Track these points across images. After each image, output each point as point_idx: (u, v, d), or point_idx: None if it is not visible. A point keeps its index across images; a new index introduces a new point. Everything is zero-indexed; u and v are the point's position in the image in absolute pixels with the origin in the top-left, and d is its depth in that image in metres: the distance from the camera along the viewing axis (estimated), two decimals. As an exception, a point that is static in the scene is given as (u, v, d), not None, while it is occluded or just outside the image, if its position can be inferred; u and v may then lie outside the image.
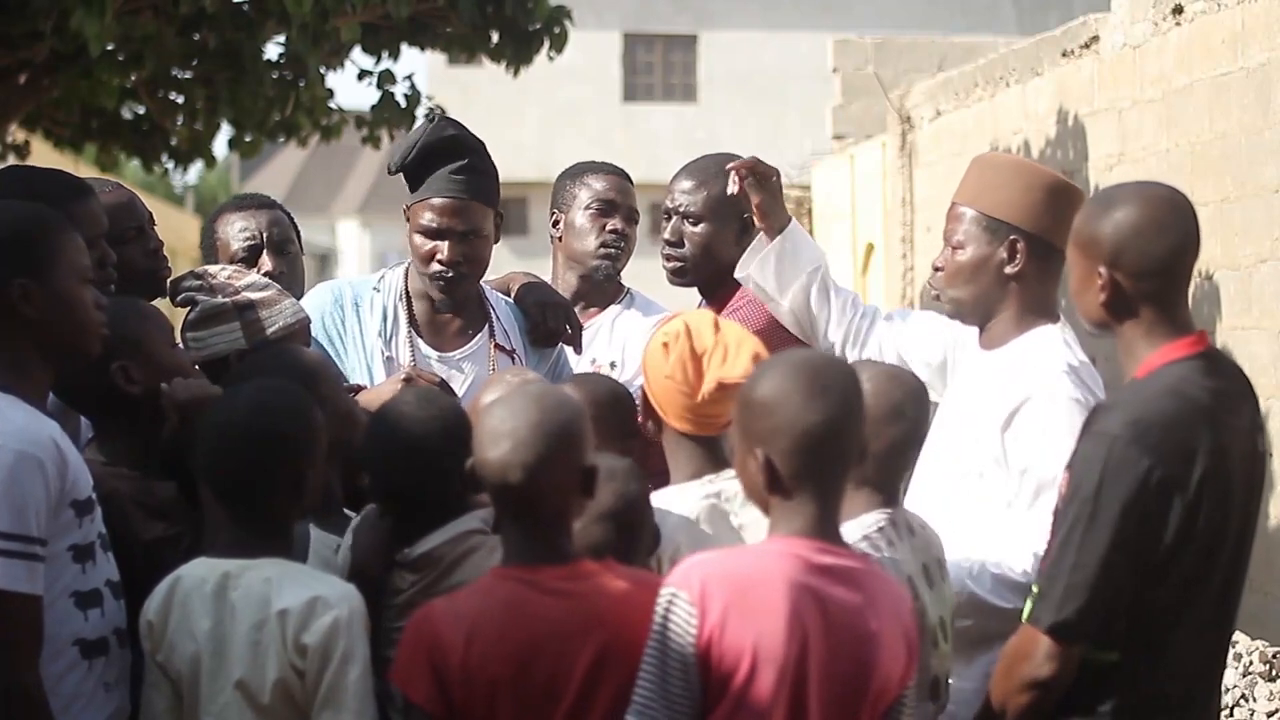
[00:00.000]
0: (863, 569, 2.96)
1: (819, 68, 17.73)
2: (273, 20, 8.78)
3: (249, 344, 3.82)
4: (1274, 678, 6.33)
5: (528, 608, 2.95)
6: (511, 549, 3.03)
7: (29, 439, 3.09)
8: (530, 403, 3.01)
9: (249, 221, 4.57)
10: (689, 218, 4.46)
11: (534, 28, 9.68)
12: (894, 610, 2.95)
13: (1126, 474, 3.07)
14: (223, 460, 3.22)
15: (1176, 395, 3.15)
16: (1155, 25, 8.18)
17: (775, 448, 2.90)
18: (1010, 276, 3.85)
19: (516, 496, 2.97)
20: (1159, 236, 3.20)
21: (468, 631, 2.94)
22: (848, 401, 2.90)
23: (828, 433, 2.88)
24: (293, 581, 3.16)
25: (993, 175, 3.92)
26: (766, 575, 2.86)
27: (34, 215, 3.28)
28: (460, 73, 26.57)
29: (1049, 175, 3.92)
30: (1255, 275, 7.35)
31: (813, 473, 2.90)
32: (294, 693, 3.12)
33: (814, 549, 2.89)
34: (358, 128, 10.54)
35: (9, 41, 8.55)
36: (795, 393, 2.88)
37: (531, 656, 2.93)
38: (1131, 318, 3.23)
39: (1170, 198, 3.27)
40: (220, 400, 3.34)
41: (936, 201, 11.33)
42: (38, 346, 3.24)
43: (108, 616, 3.24)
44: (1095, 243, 3.21)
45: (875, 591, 2.93)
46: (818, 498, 2.91)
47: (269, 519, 3.23)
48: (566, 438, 2.98)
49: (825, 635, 2.86)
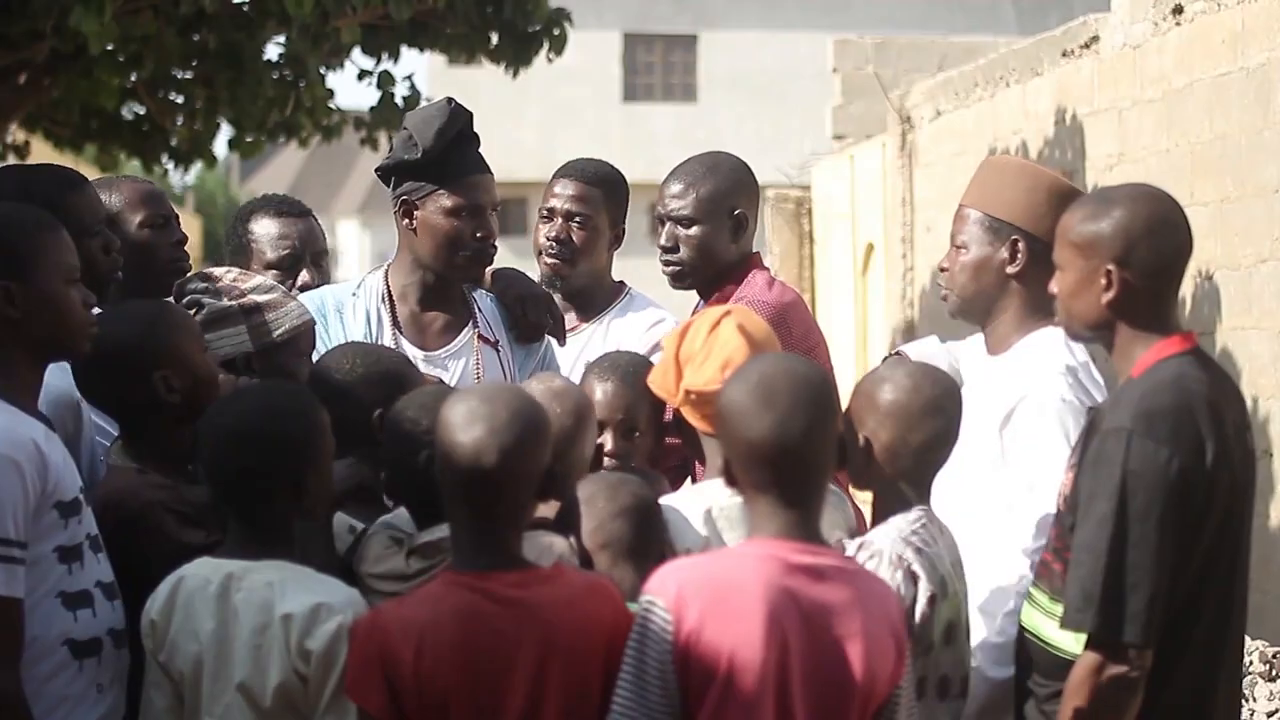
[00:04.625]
0: (844, 567, 2.96)
1: (819, 68, 17.72)
2: (273, 21, 8.78)
3: (255, 347, 3.82)
4: (1274, 678, 6.33)
5: (478, 617, 2.95)
6: (463, 552, 3.02)
7: (7, 441, 3.09)
8: (501, 394, 3.03)
9: (288, 230, 4.59)
10: (681, 221, 4.43)
11: (533, 30, 9.69)
12: (879, 609, 2.94)
13: (1148, 466, 3.11)
14: (222, 461, 3.23)
15: (1178, 388, 3.19)
16: (1155, 25, 8.18)
17: (733, 455, 2.93)
18: (1011, 276, 3.89)
19: (482, 486, 2.95)
20: (1171, 234, 3.27)
21: (418, 641, 2.94)
22: (807, 412, 2.89)
23: (778, 446, 2.88)
24: (296, 586, 3.16)
25: (997, 177, 3.97)
26: (743, 578, 2.86)
27: (16, 216, 3.28)
28: (460, 73, 26.55)
29: (1052, 177, 3.97)
30: (1255, 275, 7.34)
31: (773, 480, 2.90)
32: (295, 698, 3.12)
33: (792, 549, 2.89)
34: (357, 128, 10.54)
35: (9, 41, 8.55)
36: (748, 405, 2.89)
37: (482, 666, 2.94)
38: (1129, 317, 3.26)
39: (1170, 198, 3.32)
40: (222, 402, 3.34)
41: (936, 201, 11.32)
42: (23, 347, 3.24)
43: (100, 617, 3.22)
44: (1100, 242, 3.24)
45: (858, 590, 2.93)
46: (789, 501, 2.91)
47: (270, 520, 3.22)
48: (537, 431, 3.00)
49: (805, 635, 2.85)
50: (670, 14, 30.01)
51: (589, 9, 23.28)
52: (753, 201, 4.51)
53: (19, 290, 3.21)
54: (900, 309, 11.99)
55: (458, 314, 4.33)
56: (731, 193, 4.42)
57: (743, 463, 2.92)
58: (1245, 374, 7.43)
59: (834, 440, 2.97)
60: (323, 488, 3.28)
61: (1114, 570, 3.10)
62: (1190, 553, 3.15)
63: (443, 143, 4.18)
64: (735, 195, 4.42)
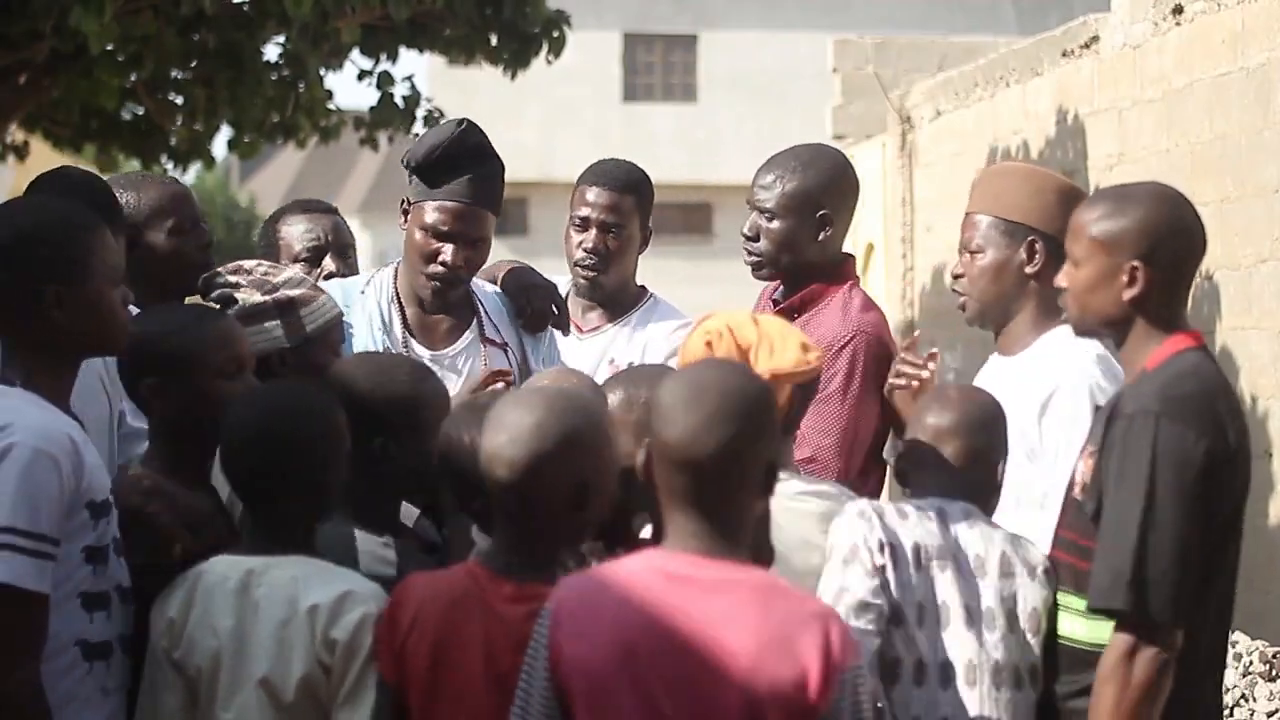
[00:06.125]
0: (745, 581, 2.79)
1: (819, 68, 17.71)
2: (273, 21, 8.78)
3: (289, 342, 3.80)
4: (1274, 678, 6.33)
5: (461, 613, 2.98)
6: (492, 547, 3.05)
7: (47, 437, 3.08)
8: (542, 401, 3.00)
9: (314, 224, 4.64)
10: (765, 213, 4.36)
11: (533, 31, 9.69)
12: (784, 623, 2.76)
13: (1176, 448, 3.13)
14: (239, 460, 3.25)
15: (1199, 377, 3.24)
16: (1155, 25, 8.18)
17: (653, 452, 2.84)
18: (1030, 277, 3.94)
19: (503, 494, 2.97)
20: (1191, 234, 3.33)
21: (414, 615, 3.02)
22: (731, 424, 2.77)
23: (687, 451, 2.77)
24: (321, 578, 3.17)
25: (1003, 182, 4.02)
26: (613, 589, 2.80)
27: (64, 217, 3.27)
28: (459, 73, 26.49)
29: (1058, 179, 4.04)
30: (1255, 275, 7.34)
31: (678, 486, 2.80)
32: (318, 689, 3.12)
33: (683, 561, 2.79)
34: (357, 129, 10.54)
35: (9, 41, 8.56)
36: (674, 404, 2.80)
37: (448, 658, 2.98)
38: (1147, 313, 3.30)
39: (1186, 198, 3.39)
40: (240, 400, 3.35)
41: (936, 201, 11.32)
42: (65, 347, 3.24)
43: (114, 620, 3.22)
44: (1126, 238, 3.27)
45: (759, 603, 2.77)
46: (692, 510, 2.80)
47: (289, 519, 3.23)
48: (565, 444, 2.96)
49: (671, 649, 2.75)
50: (670, 14, 30.00)
51: (589, 9, 23.30)
52: (844, 202, 4.43)
53: (66, 294, 3.21)
54: (900, 309, 11.99)
55: (462, 316, 4.33)
56: (820, 192, 4.35)
57: (656, 458, 2.82)
58: (1245, 374, 7.44)
59: (759, 459, 2.80)
60: (339, 487, 3.28)
61: (1145, 550, 3.11)
62: (1210, 536, 3.17)
63: (429, 160, 4.19)
64: (823, 195, 4.35)
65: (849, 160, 4.56)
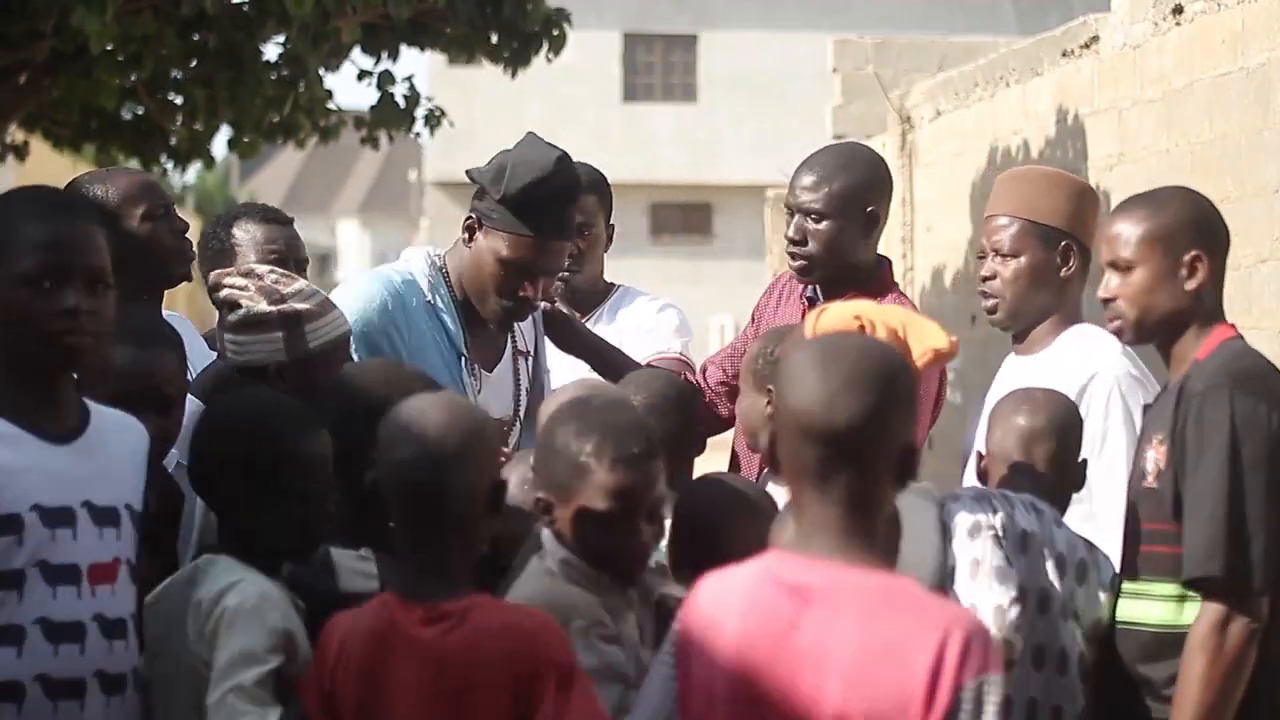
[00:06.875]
0: (856, 586, 2.52)
1: (819, 68, 17.70)
2: (273, 21, 8.78)
3: (289, 357, 3.71)
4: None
5: (379, 645, 2.96)
6: (402, 574, 3.03)
7: None
8: (436, 405, 2.99)
9: (275, 235, 4.55)
10: (811, 214, 4.28)
11: (533, 29, 9.68)
12: (894, 635, 2.48)
13: (1252, 419, 3.20)
14: (198, 471, 3.24)
15: (1252, 356, 3.35)
16: (1155, 25, 8.18)
17: (778, 419, 2.61)
18: (1064, 280, 3.99)
19: (420, 503, 2.94)
20: (1223, 224, 3.43)
21: (338, 646, 2.99)
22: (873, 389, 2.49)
23: (820, 419, 2.49)
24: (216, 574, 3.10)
25: (1030, 185, 4.04)
26: (730, 602, 2.60)
27: None
28: (460, 73, 26.54)
29: (1080, 182, 4.12)
30: (1255, 275, 7.34)
31: (808, 461, 2.53)
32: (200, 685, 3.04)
33: (798, 566, 2.55)
34: (357, 128, 10.54)
35: (9, 41, 8.55)
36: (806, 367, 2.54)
37: (374, 689, 2.96)
38: (1201, 304, 3.37)
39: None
40: (207, 413, 3.32)
41: (936, 201, 11.32)
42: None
43: (26, 659, 2.85)
44: (1180, 232, 3.35)
45: (870, 614, 2.50)
46: (821, 492, 2.53)
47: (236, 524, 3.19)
48: (476, 440, 2.97)
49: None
50: (670, 14, 29.99)
51: (589, 9, 23.26)
52: (887, 199, 4.40)
53: None
54: (900, 309, 11.99)
55: (502, 328, 4.31)
56: (867, 189, 4.31)
57: (782, 435, 2.54)
58: (1245, 374, 7.44)
59: (898, 437, 2.50)
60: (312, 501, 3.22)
61: (1235, 518, 3.15)
62: None
63: (525, 197, 4.05)
64: (870, 192, 4.31)
65: (882, 157, 4.53)
